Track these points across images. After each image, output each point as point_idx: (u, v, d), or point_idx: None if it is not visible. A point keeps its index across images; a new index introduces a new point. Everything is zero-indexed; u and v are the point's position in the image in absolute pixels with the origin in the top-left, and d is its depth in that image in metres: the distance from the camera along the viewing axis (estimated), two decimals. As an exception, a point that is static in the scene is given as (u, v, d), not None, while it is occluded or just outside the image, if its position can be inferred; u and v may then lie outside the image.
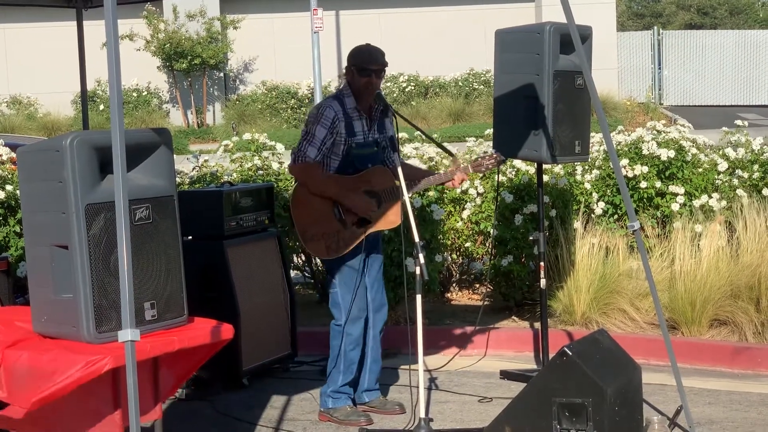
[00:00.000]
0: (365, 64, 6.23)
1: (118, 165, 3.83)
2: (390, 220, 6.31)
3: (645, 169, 8.82)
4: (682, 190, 8.77)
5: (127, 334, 3.85)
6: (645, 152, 8.91)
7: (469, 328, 7.96)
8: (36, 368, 4.55)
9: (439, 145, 6.96)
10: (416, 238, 5.69)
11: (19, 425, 4.64)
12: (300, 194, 6.14)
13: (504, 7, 27.82)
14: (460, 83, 27.91)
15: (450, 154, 6.97)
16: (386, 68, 6.34)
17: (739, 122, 9.83)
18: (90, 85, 25.02)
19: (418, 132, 9.82)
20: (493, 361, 7.70)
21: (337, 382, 6.34)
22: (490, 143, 7.85)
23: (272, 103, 27.09)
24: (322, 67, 24.77)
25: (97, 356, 4.43)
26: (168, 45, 26.13)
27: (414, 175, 6.40)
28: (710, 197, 8.69)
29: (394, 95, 27.31)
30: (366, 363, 6.47)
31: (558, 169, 8.79)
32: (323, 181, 6.16)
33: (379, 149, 6.36)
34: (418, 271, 5.68)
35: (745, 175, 9.00)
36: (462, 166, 6.54)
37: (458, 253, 9.10)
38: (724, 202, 8.71)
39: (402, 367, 7.34)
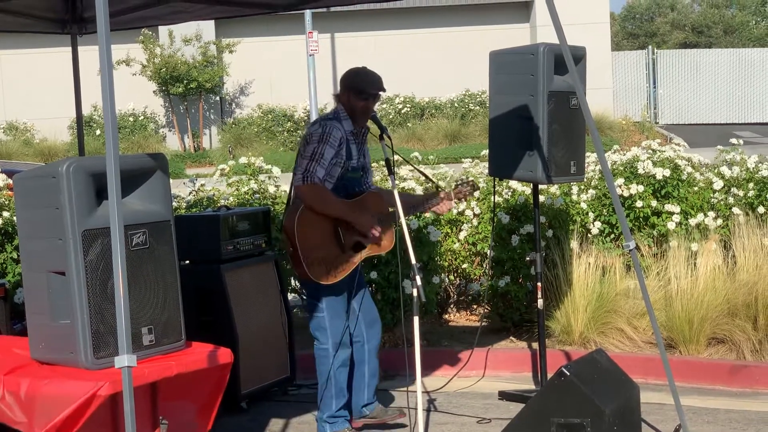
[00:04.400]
0: (366, 87, 6.19)
1: (113, 191, 3.84)
2: (383, 245, 6.33)
3: (641, 188, 8.83)
4: (677, 209, 8.78)
5: (124, 360, 3.85)
6: (640, 171, 8.93)
7: (467, 350, 7.95)
8: (37, 396, 4.55)
9: (424, 174, 6.96)
10: (413, 260, 5.69)
11: None
12: (305, 217, 6.03)
13: (498, 28, 27.91)
14: (456, 104, 27.96)
15: (432, 182, 6.99)
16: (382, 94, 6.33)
17: (734, 140, 9.85)
18: (86, 111, 25.20)
19: (414, 154, 9.86)
20: (492, 381, 7.70)
21: (331, 407, 6.31)
22: (486, 164, 7.87)
23: (268, 126, 27.12)
24: (318, 89, 24.82)
25: (94, 382, 4.43)
26: (164, 69, 26.17)
27: (402, 202, 6.40)
28: (706, 216, 8.70)
29: (390, 117, 27.36)
30: (364, 379, 6.45)
31: (554, 189, 8.80)
32: (332, 200, 6.10)
33: (363, 174, 6.40)
34: (415, 293, 5.68)
35: (741, 193, 9.01)
36: (445, 193, 6.56)
37: (455, 275, 9.10)
38: (719, 221, 8.72)
39: (400, 389, 7.33)
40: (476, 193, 6.98)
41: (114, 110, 3.87)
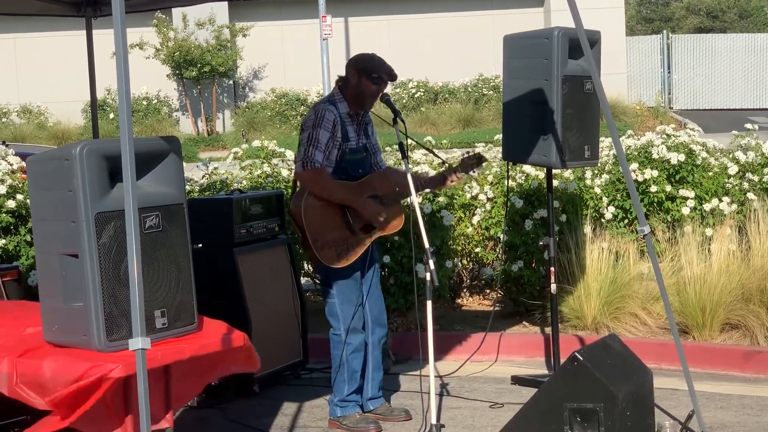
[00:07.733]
0: (379, 71, 6.17)
1: (128, 173, 3.84)
2: (394, 224, 6.32)
3: (655, 173, 8.80)
4: (692, 194, 8.76)
5: (138, 342, 3.85)
6: (655, 156, 8.90)
7: (479, 334, 7.95)
8: (50, 378, 4.56)
9: (430, 150, 6.96)
10: (426, 245, 5.68)
11: None
12: (310, 202, 6.08)
13: (512, 13, 27.83)
14: (470, 89, 27.89)
15: (438, 157, 6.97)
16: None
17: (749, 125, 9.81)
18: (100, 94, 25.17)
19: (427, 138, 9.84)
20: (504, 366, 7.70)
21: (343, 391, 6.33)
22: (500, 149, 7.86)
23: (281, 110, 27.10)
24: (331, 73, 24.78)
25: (107, 364, 4.44)
26: (178, 53, 26.17)
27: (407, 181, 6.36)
28: (720, 201, 8.67)
29: (404, 101, 27.31)
30: (368, 371, 6.45)
31: (568, 173, 8.78)
32: (333, 185, 6.12)
33: (367, 154, 6.36)
34: (428, 277, 5.67)
35: (756, 178, 8.98)
36: (452, 167, 6.56)
37: (468, 259, 9.09)
38: (734, 206, 8.69)
39: (413, 373, 7.34)
40: (484, 165, 6.92)
41: (128, 94, 3.87)
